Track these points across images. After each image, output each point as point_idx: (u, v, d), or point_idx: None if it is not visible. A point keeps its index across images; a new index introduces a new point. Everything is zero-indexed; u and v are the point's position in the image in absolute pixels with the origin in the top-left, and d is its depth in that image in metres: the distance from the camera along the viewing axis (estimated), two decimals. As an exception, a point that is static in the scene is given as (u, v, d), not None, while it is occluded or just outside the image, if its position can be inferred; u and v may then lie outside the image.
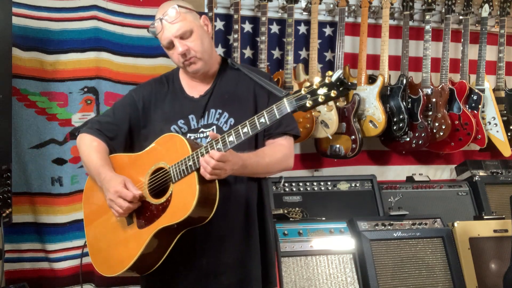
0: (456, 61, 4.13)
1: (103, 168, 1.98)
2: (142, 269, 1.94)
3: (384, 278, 3.21)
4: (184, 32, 1.96)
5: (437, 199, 3.81)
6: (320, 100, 1.59)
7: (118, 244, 1.97)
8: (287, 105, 1.64)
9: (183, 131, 2.03)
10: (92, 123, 2.14)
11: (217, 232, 1.95)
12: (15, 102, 2.98)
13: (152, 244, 1.87)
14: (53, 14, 3.11)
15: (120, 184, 1.89)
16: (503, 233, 3.42)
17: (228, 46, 3.69)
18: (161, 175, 1.90)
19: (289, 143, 2.05)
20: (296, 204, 3.56)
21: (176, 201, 1.82)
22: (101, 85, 3.17)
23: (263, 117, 1.69)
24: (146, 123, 2.10)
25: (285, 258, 3.15)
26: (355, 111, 3.67)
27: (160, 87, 2.14)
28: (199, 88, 2.09)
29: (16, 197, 2.86)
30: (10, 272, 3.00)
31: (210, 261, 1.97)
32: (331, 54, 3.95)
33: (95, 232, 2.07)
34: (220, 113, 2.02)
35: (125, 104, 2.15)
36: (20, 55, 3.01)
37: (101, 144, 2.07)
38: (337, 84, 1.57)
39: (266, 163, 1.96)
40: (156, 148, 1.95)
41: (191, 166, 1.78)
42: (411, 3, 3.88)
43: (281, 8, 3.75)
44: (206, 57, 2.02)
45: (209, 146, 1.76)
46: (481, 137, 3.90)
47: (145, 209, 1.91)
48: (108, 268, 1.99)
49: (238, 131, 1.72)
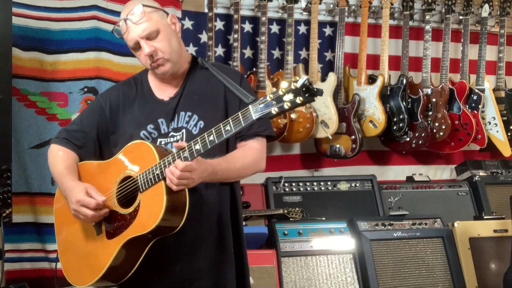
0: (456, 61, 4.13)
1: (65, 177, 1.93)
2: (114, 279, 1.90)
3: (384, 278, 3.21)
4: (150, 32, 1.89)
5: (437, 199, 3.81)
6: (286, 107, 1.54)
7: (88, 254, 1.93)
8: (252, 112, 1.59)
9: (153, 137, 1.97)
10: (60, 133, 2.09)
11: (190, 238, 1.91)
12: (15, 102, 2.98)
13: (122, 254, 1.82)
14: (53, 14, 3.11)
15: (82, 192, 1.84)
16: (503, 233, 3.43)
17: (228, 46, 3.69)
18: (129, 184, 1.85)
19: (261, 145, 1.99)
20: (296, 204, 3.56)
21: (144, 211, 1.77)
22: (101, 85, 3.17)
23: (229, 124, 1.64)
24: (114, 128, 2.03)
25: (285, 258, 3.15)
26: (355, 111, 3.67)
27: (128, 90, 2.07)
28: (168, 90, 2.03)
29: (16, 197, 2.87)
30: (10, 272, 3.00)
31: (184, 268, 1.92)
32: (331, 54, 3.95)
33: (65, 242, 2.04)
34: (190, 116, 1.96)
35: (92, 110, 2.08)
36: (20, 55, 3.01)
37: (67, 152, 2.02)
38: (303, 90, 1.52)
39: (237, 168, 1.91)
40: (124, 155, 1.90)
41: (158, 175, 1.73)
42: (411, 3, 3.88)
43: (281, 8, 3.75)
44: (174, 58, 1.94)
45: (176, 155, 1.71)
46: (481, 137, 3.90)
47: (114, 219, 1.86)
48: (79, 278, 1.95)
49: (204, 139, 1.67)
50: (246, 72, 3.62)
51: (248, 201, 3.41)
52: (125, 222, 1.82)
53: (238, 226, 2.04)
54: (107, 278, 1.89)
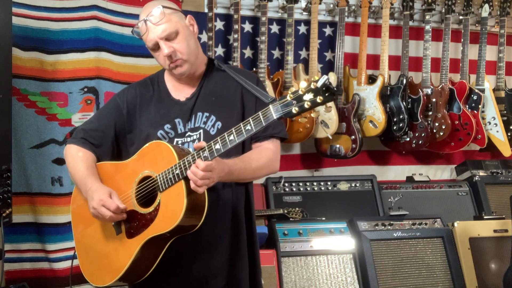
0: (456, 61, 4.13)
1: (89, 179, 1.96)
2: (132, 279, 1.92)
3: (384, 278, 3.21)
4: (170, 33, 1.92)
5: (437, 199, 3.81)
6: (306, 106, 1.56)
7: (108, 254, 1.94)
8: (273, 112, 1.62)
9: (170, 136, 1.99)
10: (77, 132, 2.10)
11: (206, 237, 1.93)
12: (15, 102, 2.97)
13: (142, 253, 1.84)
14: (53, 14, 3.11)
15: (105, 194, 1.86)
16: (503, 233, 3.43)
17: (228, 46, 3.69)
18: (148, 184, 1.87)
19: (275, 146, 2.03)
20: (296, 204, 3.56)
21: (164, 211, 1.80)
22: (101, 85, 3.17)
23: (249, 124, 1.66)
24: (131, 128, 2.05)
25: (285, 258, 3.15)
26: (355, 111, 3.67)
27: (145, 90, 2.09)
28: (185, 91, 2.05)
29: (16, 197, 2.86)
30: (10, 272, 2.99)
31: (200, 267, 1.95)
32: (331, 54, 3.95)
33: (84, 242, 2.05)
34: (207, 116, 1.98)
35: (109, 109, 2.09)
36: (20, 55, 3.01)
37: (86, 153, 2.03)
38: (323, 89, 1.54)
39: (252, 169, 1.94)
40: (142, 156, 1.91)
41: (178, 174, 1.76)
42: (411, 3, 3.88)
43: (281, 8, 3.75)
44: (192, 59, 1.97)
45: (196, 155, 1.73)
46: (481, 137, 3.90)
47: (134, 218, 1.88)
48: (99, 278, 1.96)
49: (225, 139, 1.69)
50: (246, 72, 3.62)
51: (248, 201, 3.41)
52: (145, 221, 1.84)
53: (251, 226, 2.07)
54: (126, 278, 1.91)
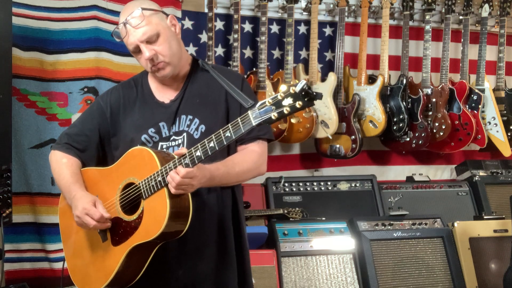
0: (456, 61, 4.13)
1: (73, 186, 1.93)
2: (120, 285, 1.91)
3: (384, 278, 3.21)
4: (150, 36, 1.87)
5: (437, 199, 3.81)
6: (285, 112, 1.52)
7: (94, 261, 1.94)
8: (252, 118, 1.58)
9: (154, 140, 1.96)
10: (61, 138, 2.07)
11: (192, 243, 1.91)
12: (15, 102, 2.97)
13: (128, 260, 1.83)
14: (53, 14, 3.11)
15: (89, 203, 1.85)
16: (503, 233, 3.43)
17: (228, 46, 3.69)
18: (132, 191, 1.85)
19: (261, 148, 1.98)
20: (296, 204, 3.56)
21: (148, 218, 1.78)
22: (101, 85, 3.17)
23: (228, 131, 1.63)
24: (115, 131, 2.02)
25: (285, 258, 3.15)
26: (355, 111, 3.67)
27: (129, 92, 2.05)
28: (169, 92, 2.01)
29: (16, 197, 2.86)
30: (10, 272, 3.00)
31: (186, 272, 1.93)
32: (331, 54, 3.95)
33: (72, 249, 2.04)
34: (191, 119, 1.95)
35: (92, 112, 2.06)
36: (20, 55, 3.01)
37: (71, 159, 2.01)
38: (302, 94, 1.50)
39: (236, 173, 1.89)
40: (126, 161, 1.88)
41: (160, 182, 1.73)
42: (411, 3, 3.88)
43: (281, 8, 3.75)
44: (175, 61, 1.92)
45: (177, 162, 1.71)
46: (481, 137, 3.90)
47: (119, 226, 1.87)
48: (87, 285, 1.97)
49: (205, 146, 1.67)
50: (246, 72, 3.62)
51: (248, 201, 3.41)
52: (130, 229, 1.83)
53: (239, 229, 2.03)
54: (114, 285, 1.90)
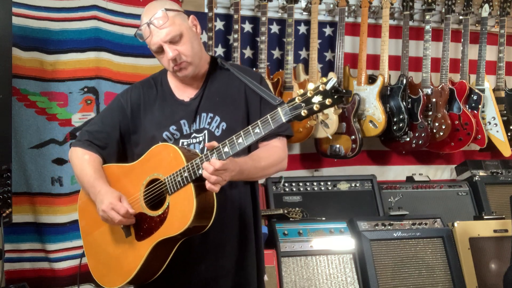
0: (456, 61, 4.13)
1: (97, 182, 1.95)
2: (143, 280, 1.93)
3: (384, 278, 3.21)
4: (174, 36, 1.90)
5: (437, 199, 3.81)
6: (315, 109, 1.55)
7: (118, 257, 1.95)
8: (282, 115, 1.61)
9: (175, 137, 1.98)
10: (82, 135, 2.09)
11: (214, 238, 1.93)
12: (15, 102, 2.97)
13: (152, 255, 1.85)
14: (53, 14, 3.11)
15: (115, 198, 1.87)
16: (503, 233, 3.43)
17: (228, 46, 3.69)
18: (156, 187, 1.87)
19: (283, 144, 2.02)
20: (296, 204, 3.56)
21: (174, 213, 1.80)
22: (101, 85, 3.17)
23: (258, 127, 1.66)
24: (136, 128, 2.04)
25: (285, 258, 3.15)
26: (355, 111, 3.67)
27: (149, 90, 2.08)
28: (189, 91, 2.03)
29: (16, 197, 2.86)
30: (10, 272, 3.00)
31: (208, 266, 1.95)
32: (331, 54, 3.95)
33: (93, 245, 2.05)
34: (212, 117, 1.98)
35: (113, 109, 2.09)
36: (20, 55, 3.01)
37: (92, 156, 2.02)
38: (332, 92, 1.53)
39: (262, 167, 1.93)
40: (149, 158, 1.91)
41: (186, 177, 1.76)
42: (411, 3, 3.88)
43: (281, 8, 3.75)
44: (196, 61, 1.96)
45: (204, 158, 1.73)
46: (481, 137, 3.90)
47: (143, 221, 1.88)
48: (109, 281, 1.97)
49: (233, 142, 1.69)
50: (246, 72, 3.62)
51: (248, 201, 3.41)
52: (155, 224, 1.84)
53: (258, 225, 2.06)
54: (137, 280, 1.91)
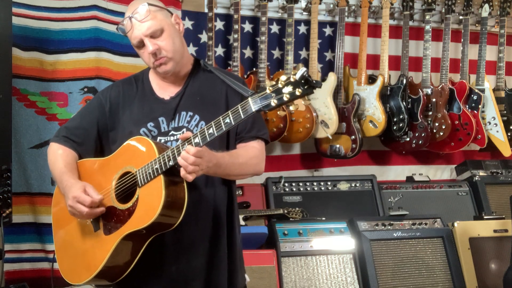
0: (456, 61, 4.13)
1: (65, 175, 1.94)
2: (110, 277, 1.89)
3: (384, 278, 3.21)
4: (155, 31, 1.90)
5: (437, 199, 3.81)
6: (285, 99, 1.55)
7: (85, 251, 1.92)
8: (251, 104, 1.61)
9: (153, 134, 1.97)
10: (60, 131, 2.09)
11: (187, 238, 1.92)
12: (15, 102, 2.98)
13: (119, 250, 1.81)
14: (53, 14, 3.12)
15: (79, 190, 1.84)
16: (503, 233, 3.43)
17: (228, 46, 3.69)
18: (128, 179, 1.86)
19: (261, 146, 2.01)
20: (296, 204, 3.56)
21: (143, 206, 1.77)
22: (101, 85, 3.17)
23: (228, 117, 1.65)
24: (114, 125, 2.03)
25: (285, 258, 3.15)
26: (355, 111, 3.67)
27: (129, 88, 2.08)
28: (169, 90, 2.03)
29: (16, 197, 2.86)
30: (10, 272, 3.00)
31: (180, 267, 1.93)
32: (331, 54, 3.95)
33: (63, 240, 2.03)
34: (191, 116, 1.97)
35: (92, 107, 2.08)
36: (20, 55, 3.01)
37: (66, 150, 2.02)
38: (302, 82, 1.54)
39: (239, 164, 1.92)
40: (124, 151, 1.90)
41: (157, 169, 1.74)
42: (411, 3, 3.88)
43: (281, 8, 3.75)
44: (177, 57, 1.95)
45: (176, 150, 1.72)
46: (481, 137, 3.90)
47: (112, 215, 1.85)
48: (76, 276, 1.94)
49: (204, 132, 1.69)
50: (246, 72, 3.62)
51: (248, 201, 3.41)
52: (123, 217, 1.81)
53: (232, 227, 2.03)
54: (103, 276, 1.87)
